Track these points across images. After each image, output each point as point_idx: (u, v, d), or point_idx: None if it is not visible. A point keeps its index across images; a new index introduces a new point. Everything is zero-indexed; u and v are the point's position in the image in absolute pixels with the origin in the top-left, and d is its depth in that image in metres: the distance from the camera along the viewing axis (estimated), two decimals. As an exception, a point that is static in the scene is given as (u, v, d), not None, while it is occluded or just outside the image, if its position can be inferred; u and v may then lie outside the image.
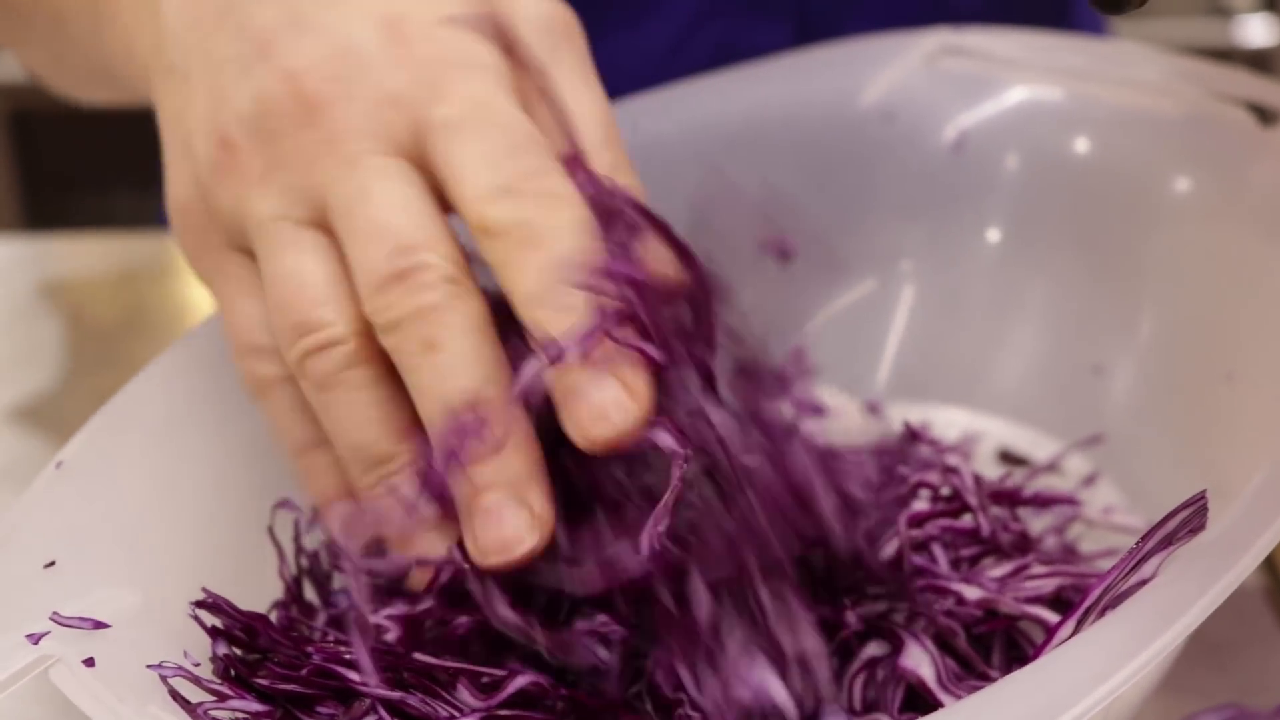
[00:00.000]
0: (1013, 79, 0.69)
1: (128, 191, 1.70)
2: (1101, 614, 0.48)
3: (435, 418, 0.49)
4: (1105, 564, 0.61)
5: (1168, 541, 0.48)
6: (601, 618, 0.49)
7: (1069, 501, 0.62)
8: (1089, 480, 0.66)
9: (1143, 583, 0.48)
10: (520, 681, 0.48)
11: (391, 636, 0.49)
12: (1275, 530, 0.47)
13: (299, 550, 0.56)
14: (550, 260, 0.48)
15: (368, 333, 0.50)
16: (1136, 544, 0.48)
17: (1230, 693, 0.58)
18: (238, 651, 0.49)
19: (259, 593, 0.54)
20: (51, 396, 0.77)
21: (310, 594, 0.56)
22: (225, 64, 0.52)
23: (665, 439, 0.50)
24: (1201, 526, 0.48)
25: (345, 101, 0.50)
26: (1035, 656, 0.47)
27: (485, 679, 0.48)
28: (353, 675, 0.47)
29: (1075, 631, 0.47)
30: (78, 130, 1.72)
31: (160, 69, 0.55)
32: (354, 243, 0.49)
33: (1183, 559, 0.48)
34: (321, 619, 0.55)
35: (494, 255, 0.49)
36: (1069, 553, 0.61)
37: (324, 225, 0.50)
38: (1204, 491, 0.48)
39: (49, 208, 1.87)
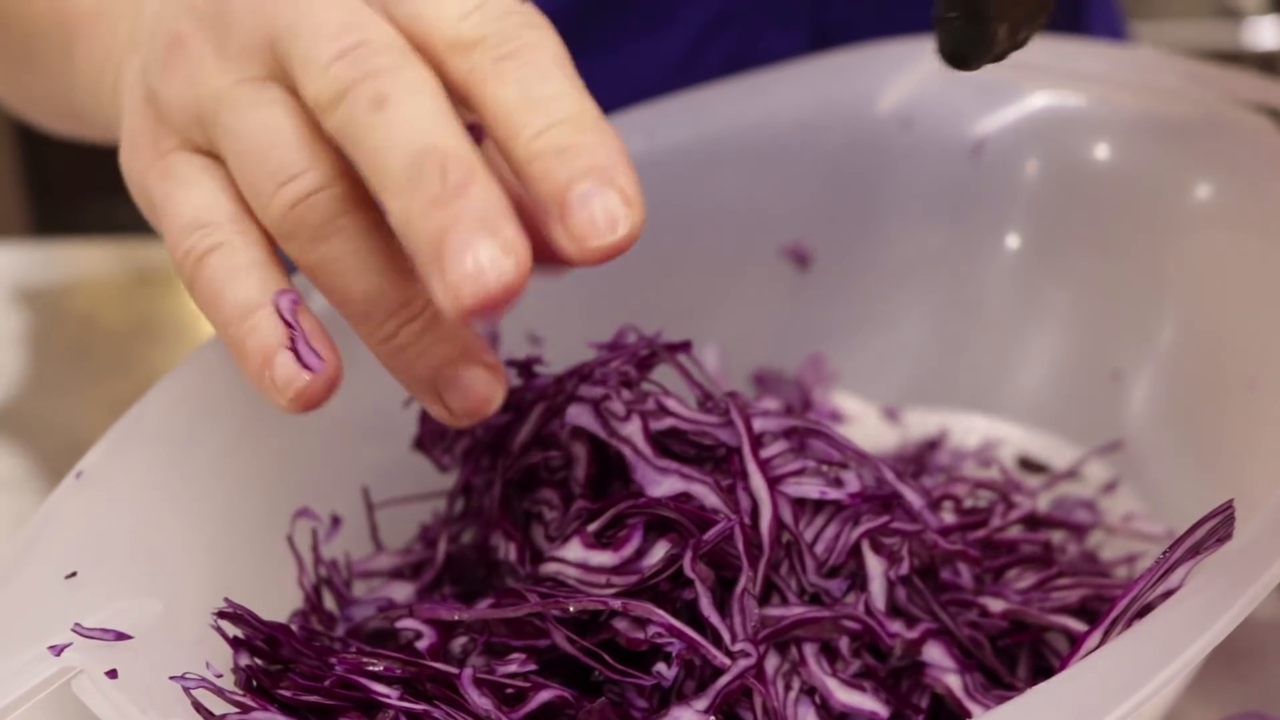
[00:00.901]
0: (1032, 84, 0.68)
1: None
2: (1129, 624, 0.47)
3: (390, 171, 0.44)
4: (1124, 572, 0.61)
5: (1195, 551, 0.48)
6: None
7: (1079, 527, 0.62)
8: (1109, 487, 0.66)
9: (1170, 592, 0.48)
10: (544, 695, 0.47)
11: (424, 644, 0.49)
12: (1304, 540, 0.47)
13: (317, 560, 0.56)
14: (535, 66, 0.45)
15: (354, 177, 0.46)
16: (1164, 554, 0.48)
17: (1252, 701, 0.58)
18: (259, 662, 0.49)
19: (278, 602, 0.54)
20: (65, 403, 0.76)
21: (329, 603, 0.56)
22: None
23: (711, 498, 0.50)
24: (1228, 536, 0.48)
25: None
26: (1063, 666, 0.46)
27: (509, 690, 0.48)
28: (376, 687, 0.47)
29: (1102, 641, 0.47)
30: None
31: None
32: (299, 48, 0.46)
33: (1210, 568, 0.47)
34: (341, 629, 0.55)
35: (468, 68, 0.45)
36: (1089, 560, 0.61)
37: (282, 78, 0.48)
38: (1231, 501, 0.48)
39: (56, 214, 1.87)
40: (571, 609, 0.48)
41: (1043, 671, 0.53)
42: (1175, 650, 0.43)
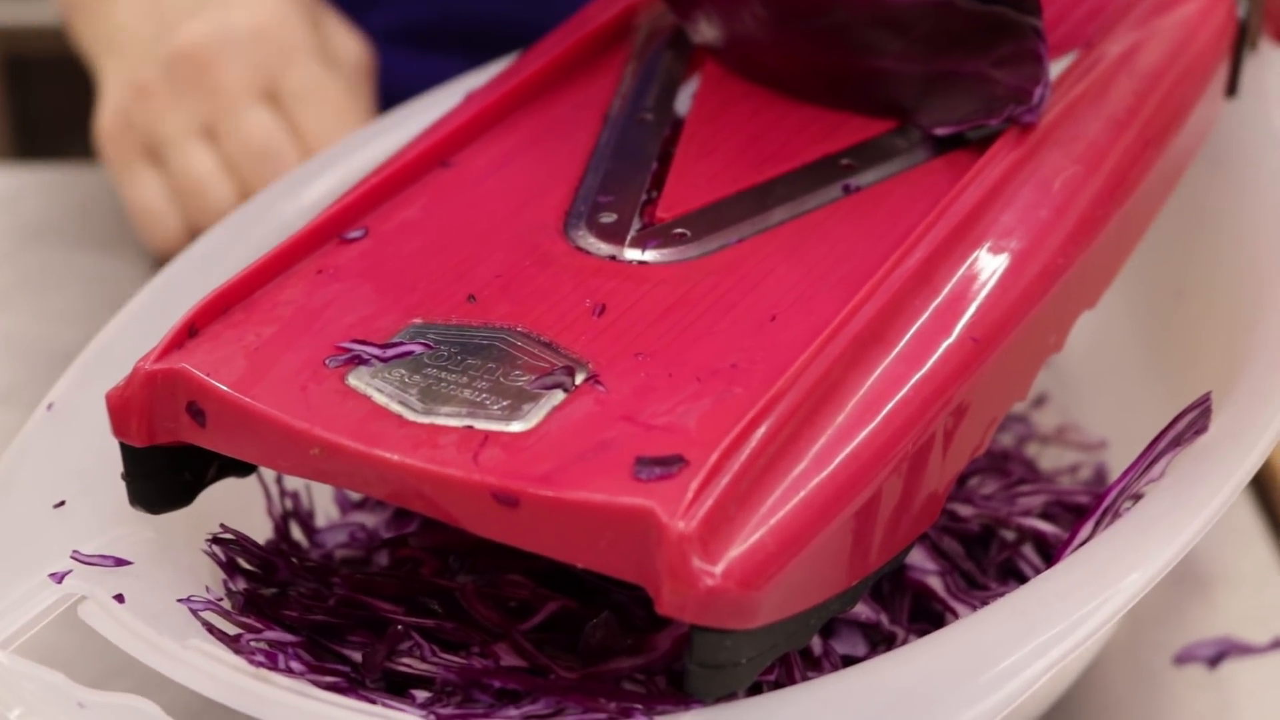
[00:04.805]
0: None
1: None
2: (1115, 516, 0.48)
3: None
4: (1068, 480, 0.62)
5: (1176, 443, 0.49)
6: None
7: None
8: (1038, 402, 0.67)
9: (1148, 490, 0.49)
10: (552, 606, 0.47)
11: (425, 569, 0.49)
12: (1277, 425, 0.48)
13: (282, 492, 0.55)
14: None
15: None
16: (1147, 447, 0.49)
17: (1223, 627, 0.59)
18: (256, 586, 0.48)
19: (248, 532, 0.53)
20: (55, 321, 0.79)
21: (297, 534, 0.55)
22: (142, 37, 0.79)
23: None
24: (1205, 428, 0.49)
25: (227, 63, 0.77)
26: (1059, 557, 0.47)
27: (512, 604, 0.48)
28: (382, 604, 0.47)
29: (1094, 532, 0.48)
30: (72, 75, 1.71)
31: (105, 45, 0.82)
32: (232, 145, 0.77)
33: (1189, 459, 0.49)
34: (314, 554, 0.54)
35: None
36: (1032, 470, 0.62)
37: (211, 136, 0.78)
38: (1208, 394, 0.49)
39: (42, 148, 1.83)
40: None
41: (1011, 573, 0.55)
42: (1173, 533, 0.45)
